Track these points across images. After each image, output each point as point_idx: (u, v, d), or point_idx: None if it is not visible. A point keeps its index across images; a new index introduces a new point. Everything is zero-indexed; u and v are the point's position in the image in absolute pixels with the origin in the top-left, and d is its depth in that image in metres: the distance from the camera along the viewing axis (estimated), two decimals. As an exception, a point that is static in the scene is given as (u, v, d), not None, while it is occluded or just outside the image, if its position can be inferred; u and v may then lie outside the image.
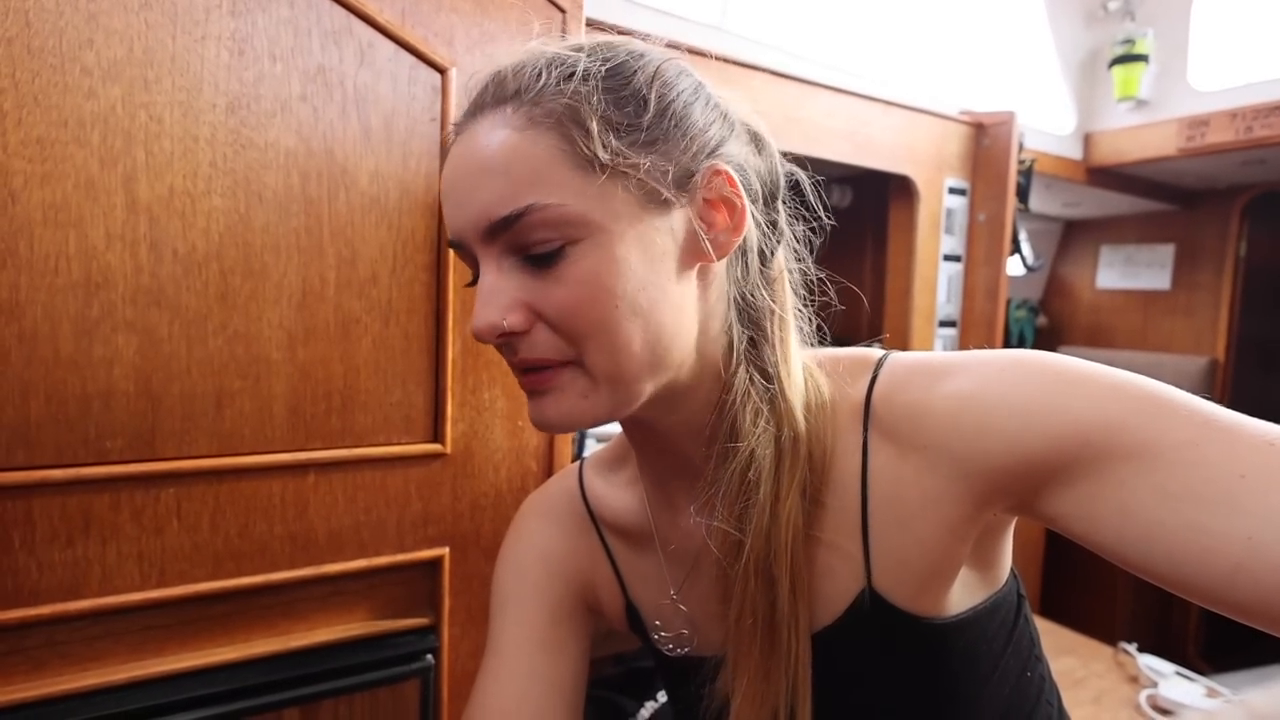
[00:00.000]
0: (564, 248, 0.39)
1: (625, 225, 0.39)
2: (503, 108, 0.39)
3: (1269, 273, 2.09)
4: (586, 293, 0.39)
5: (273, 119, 0.60)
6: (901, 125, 1.26)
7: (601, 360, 0.40)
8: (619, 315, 0.39)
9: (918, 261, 1.34)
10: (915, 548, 0.42)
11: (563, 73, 0.39)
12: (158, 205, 0.56)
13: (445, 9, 0.67)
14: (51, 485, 0.54)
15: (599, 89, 0.39)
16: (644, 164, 0.39)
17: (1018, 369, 0.39)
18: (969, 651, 0.45)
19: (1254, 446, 0.32)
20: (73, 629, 0.57)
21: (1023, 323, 2.36)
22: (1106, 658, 1.25)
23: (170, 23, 0.55)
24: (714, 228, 0.42)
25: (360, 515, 0.67)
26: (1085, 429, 0.35)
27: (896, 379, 0.43)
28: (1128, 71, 1.64)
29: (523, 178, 0.38)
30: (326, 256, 0.63)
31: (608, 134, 0.39)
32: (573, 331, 0.40)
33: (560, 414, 0.42)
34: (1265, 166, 1.75)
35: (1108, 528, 0.35)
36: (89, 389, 0.55)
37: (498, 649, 0.53)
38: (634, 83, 0.40)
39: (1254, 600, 0.31)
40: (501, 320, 0.40)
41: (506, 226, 0.39)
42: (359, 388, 0.66)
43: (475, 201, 0.39)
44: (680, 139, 0.41)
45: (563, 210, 0.38)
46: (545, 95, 0.39)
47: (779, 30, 1.14)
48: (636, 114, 0.40)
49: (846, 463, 0.44)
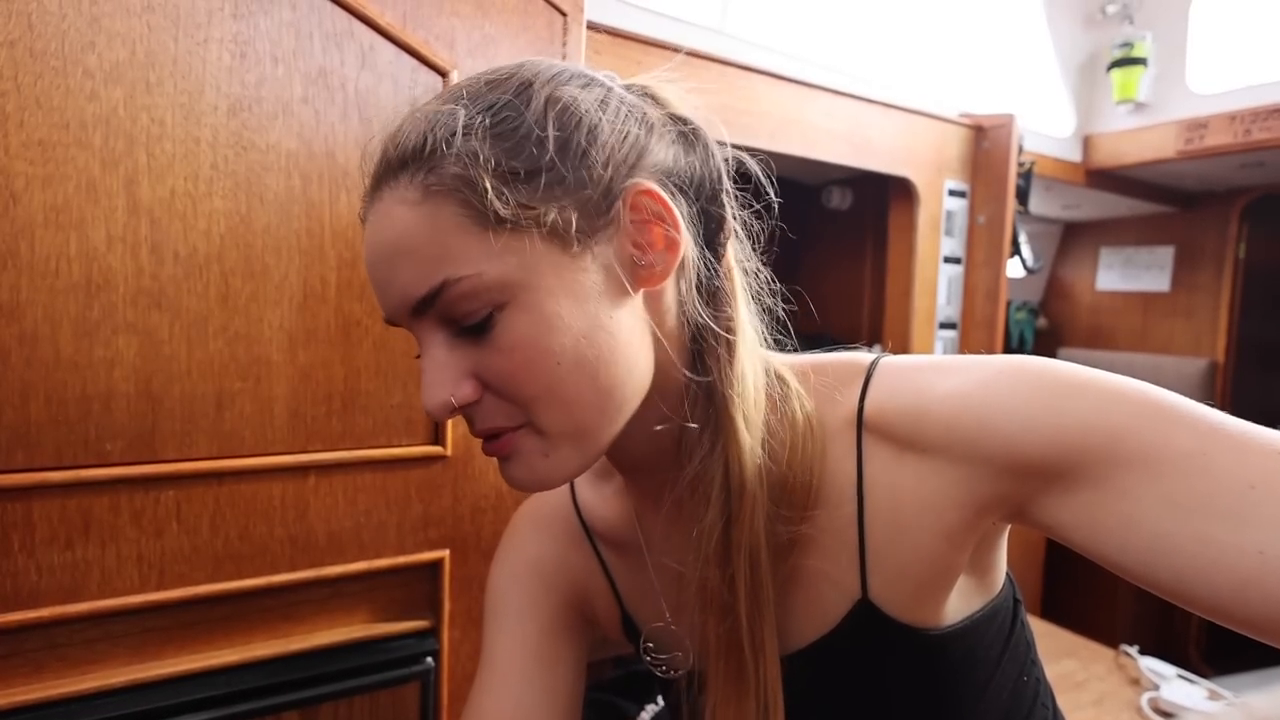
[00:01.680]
0: (491, 314, 0.37)
1: (548, 277, 0.37)
2: (396, 181, 0.37)
3: (1269, 275, 2.09)
4: (522, 357, 0.37)
5: (274, 121, 0.60)
6: (901, 127, 1.26)
7: (554, 420, 0.39)
8: (562, 373, 0.38)
9: (918, 263, 1.34)
10: (912, 556, 0.41)
11: (446, 132, 0.37)
12: (159, 207, 0.56)
13: (446, 12, 0.67)
14: (51, 487, 0.54)
15: (488, 140, 0.36)
16: (553, 208, 0.37)
17: (1018, 373, 0.38)
18: (967, 660, 0.44)
19: (1263, 456, 0.31)
20: (72, 631, 0.56)
21: (1023, 324, 2.36)
22: (1108, 660, 1.25)
23: (172, 25, 0.55)
24: (650, 249, 0.40)
25: (360, 517, 0.67)
26: (1087, 435, 0.34)
27: (891, 382, 0.42)
28: (1126, 74, 1.65)
29: (431, 255, 0.37)
30: (328, 258, 0.64)
31: (505, 188, 0.36)
32: (518, 397, 0.39)
33: (528, 477, 0.41)
34: (1264, 169, 1.75)
35: (1110, 538, 0.34)
36: (89, 391, 0.55)
37: (492, 661, 0.52)
38: (525, 122, 0.37)
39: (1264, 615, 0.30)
40: (450, 397, 0.38)
41: (428, 305, 0.37)
42: (360, 390, 0.66)
43: (394, 284, 0.38)
44: (591, 167, 0.38)
45: (478, 279, 0.36)
46: (434, 160, 0.36)
47: (779, 33, 1.15)
48: (536, 156, 0.37)
49: (839, 472, 0.43)
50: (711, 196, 0.43)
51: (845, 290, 1.65)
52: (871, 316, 1.51)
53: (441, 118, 0.37)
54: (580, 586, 0.56)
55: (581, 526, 0.56)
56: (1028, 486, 0.37)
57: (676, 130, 0.43)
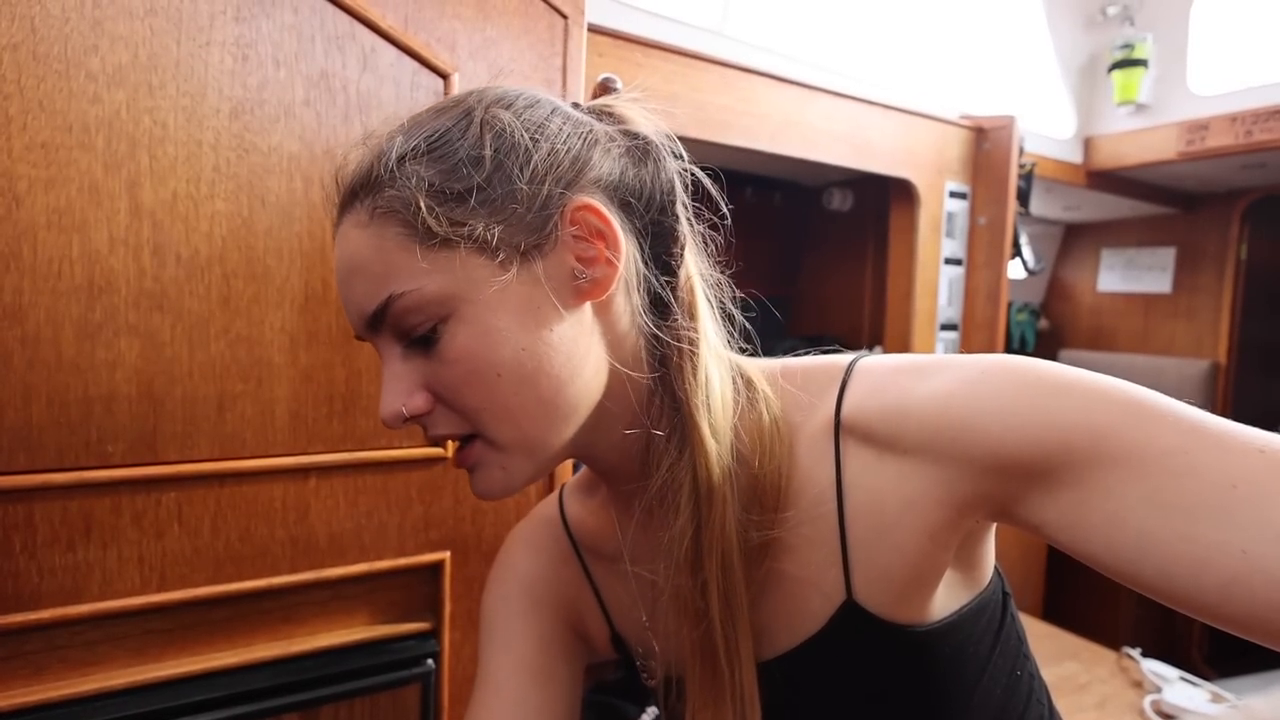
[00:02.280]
0: (436, 327, 0.40)
1: (484, 291, 0.39)
2: (353, 207, 0.41)
3: (1270, 276, 2.09)
4: (465, 368, 0.40)
5: (276, 124, 0.60)
6: (901, 129, 1.26)
7: (502, 431, 0.41)
8: (504, 385, 0.40)
9: (919, 265, 1.34)
10: (896, 556, 0.41)
11: (388, 159, 0.40)
12: (161, 210, 0.56)
13: (448, 15, 0.68)
14: (53, 489, 0.54)
15: (425, 162, 0.39)
16: (487, 225, 0.39)
17: (1001, 372, 0.37)
18: (957, 656, 0.44)
19: (1245, 455, 0.31)
20: (73, 633, 0.56)
21: (1024, 326, 2.36)
22: (1110, 662, 1.25)
23: (175, 29, 0.56)
24: (593, 262, 0.41)
25: (361, 519, 0.67)
26: (1070, 434, 0.34)
27: (870, 383, 0.42)
28: (1127, 76, 1.65)
29: (378, 272, 0.39)
30: (329, 261, 0.64)
31: (437, 206, 0.39)
32: (465, 409, 0.41)
33: (489, 486, 0.43)
34: (1265, 170, 1.75)
35: (1095, 537, 0.34)
36: (91, 392, 0.55)
37: (486, 679, 0.53)
38: (462, 145, 0.40)
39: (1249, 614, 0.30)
40: (401, 407, 0.41)
41: (380, 320, 0.40)
42: (361, 391, 0.66)
43: (352, 301, 0.41)
44: (527, 185, 0.39)
45: (419, 294, 0.39)
46: (379, 185, 0.40)
47: (779, 34, 1.15)
48: (468, 176, 0.39)
49: (817, 475, 0.43)
50: (663, 208, 0.44)
51: (846, 292, 1.65)
52: (873, 318, 1.51)
53: (385, 146, 0.41)
54: (571, 602, 0.56)
55: (570, 542, 0.57)
56: (1011, 486, 0.37)
57: (627, 145, 0.44)
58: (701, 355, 0.43)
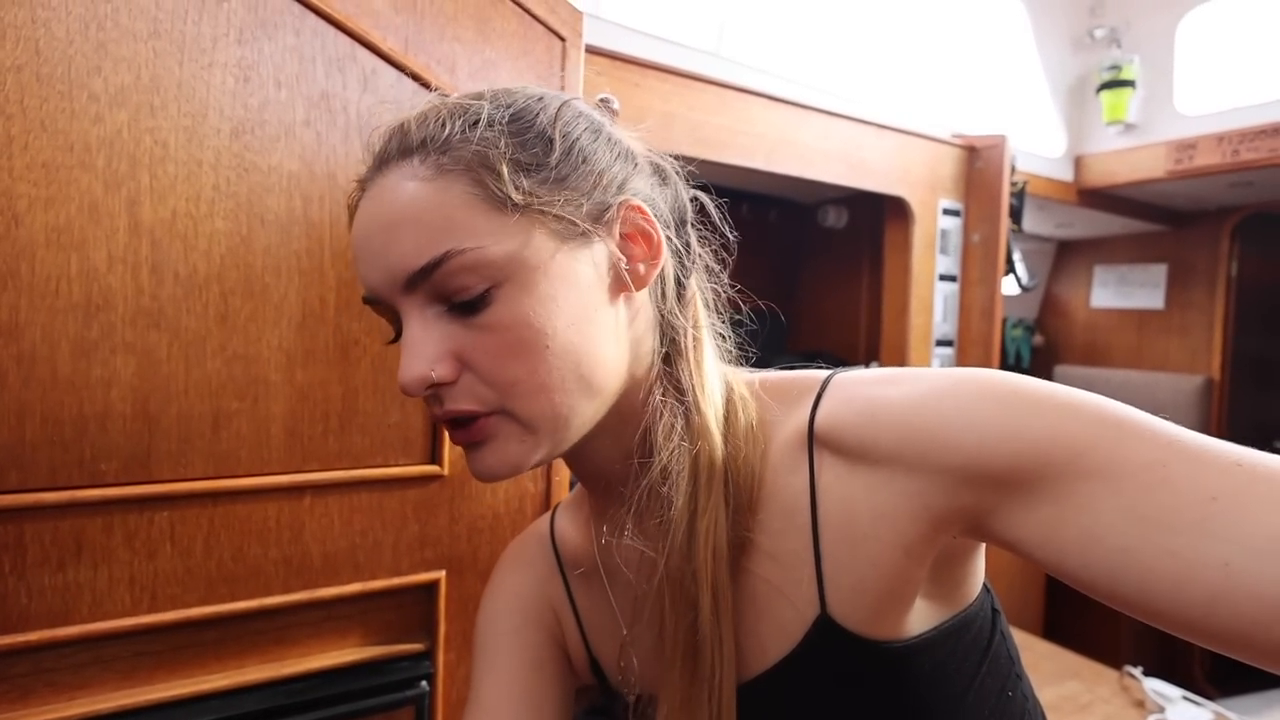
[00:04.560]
0: (489, 291, 0.39)
1: (548, 261, 0.40)
2: (409, 160, 0.39)
3: (1261, 292, 2.11)
4: (514, 336, 0.39)
5: (276, 143, 0.61)
6: (895, 148, 1.28)
7: (534, 405, 0.40)
8: (550, 356, 0.39)
9: (914, 281, 1.35)
10: (870, 569, 0.40)
11: (467, 121, 0.40)
12: (160, 228, 0.56)
13: (448, 37, 0.69)
14: (44, 508, 0.53)
15: (505, 133, 0.40)
16: (558, 200, 0.40)
17: (974, 383, 0.37)
18: (937, 672, 0.43)
19: (1222, 469, 0.31)
20: (61, 656, 0.55)
21: (1019, 342, 2.37)
22: (1112, 682, 1.24)
23: (178, 50, 0.56)
24: (633, 259, 0.43)
25: (356, 538, 0.67)
26: (1045, 447, 0.34)
27: (843, 394, 0.42)
28: (1115, 96, 1.68)
29: (437, 225, 0.38)
30: (327, 278, 0.64)
31: (518, 175, 0.39)
32: (500, 378, 0.40)
33: (500, 460, 0.41)
34: (1253, 188, 1.77)
35: (1071, 553, 0.33)
36: (86, 410, 0.54)
37: (477, 698, 0.52)
38: (537, 125, 0.41)
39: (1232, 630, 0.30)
40: (430, 371, 0.39)
41: (425, 276, 0.38)
42: (357, 409, 0.66)
43: (390, 255, 0.39)
44: (589, 175, 0.42)
45: (482, 253, 0.38)
46: (452, 144, 0.39)
47: (774, 55, 1.17)
48: (544, 154, 0.40)
49: (792, 486, 0.43)
50: (679, 227, 0.48)
51: (842, 308, 1.66)
52: (868, 334, 1.52)
53: (465, 108, 0.41)
54: (557, 619, 0.56)
55: (555, 559, 0.56)
56: (985, 500, 0.36)
57: (652, 167, 0.48)
58: (705, 355, 0.47)
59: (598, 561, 0.51)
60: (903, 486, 0.39)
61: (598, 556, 0.51)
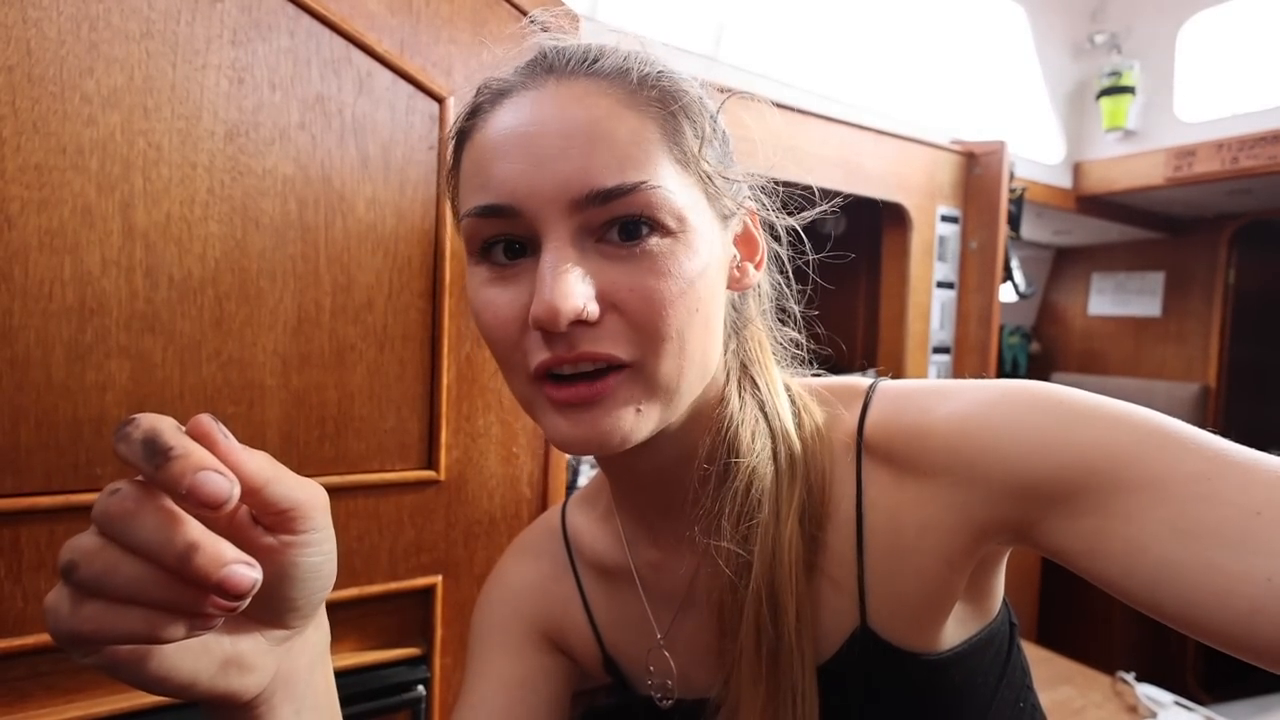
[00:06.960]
0: (661, 238, 0.37)
1: (709, 232, 0.40)
2: (595, 79, 0.38)
3: (1258, 300, 2.11)
4: (675, 288, 0.36)
5: (271, 146, 0.60)
6: (893, 154, 1.28)
7: (668, 365, 0.37)
8: (697, 320, 0.38)
9: (911, 288, 1.35)
10: (912, 581, 0.41)
11: (666, 75, 0.40)
12: (154, 231, 0.56)
13: (444, 40, 0.68)
14: (40, 512, 0.53)
15: (693, 102, 0.40)
16: (718, 178, 0.41)
17: (1021, 397, 0.38)
18: (966, 685, 0.44)
19: (1268, 483, 0.31)
20: (57, 660, 0.55)
21: (1016, 349, 2.37)
22: (1104, 687, 1.24)
23: (171, 51, 0.56)
24: (743, 259, 0.45)
25: (352, 543, 0.67)
26: (1091, 459, 0.34)
27: (892, 404, 0.43)
28: (1115, 103, 1.68)
29: (633, 153, 0.36)
30: (323, 283, 0.64)
31: (704, 144, 0.40)
32: (651, 328, 0.36)
33: (614, 425, 0.37)
34: (1252, 196, 1.78)
35: (1114, 563, 0.33)
36: (80, 415, 0.54)
37: (470, 688, 0.52)
38: (709, 109, 0.43)
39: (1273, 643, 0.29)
40: (584, 304, 0.35)
41: (606, 200, 0.35)
42: (353, 414, 0.66)
43: (569, 164, 0.35)
44: (735, 171, 0.44)
45: (670, 199, 0.37)
46: (648, 85, 0.38)
47: (772, 61, 1.17)
48: (713, 135, 0.42)
49: (841, 494, 0.43)
50: None
51: (839, 314, 1.66)
52: (865, 341, 1.52)
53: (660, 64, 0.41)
54: (555, 619, 0.55)
55: (567, 555, 0.56)
56: (1031, 511, 0.36)
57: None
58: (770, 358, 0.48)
59: (630, 563, 0.51)
60: (949, 500, 0.39)
61: (629, 558, 0.51)
